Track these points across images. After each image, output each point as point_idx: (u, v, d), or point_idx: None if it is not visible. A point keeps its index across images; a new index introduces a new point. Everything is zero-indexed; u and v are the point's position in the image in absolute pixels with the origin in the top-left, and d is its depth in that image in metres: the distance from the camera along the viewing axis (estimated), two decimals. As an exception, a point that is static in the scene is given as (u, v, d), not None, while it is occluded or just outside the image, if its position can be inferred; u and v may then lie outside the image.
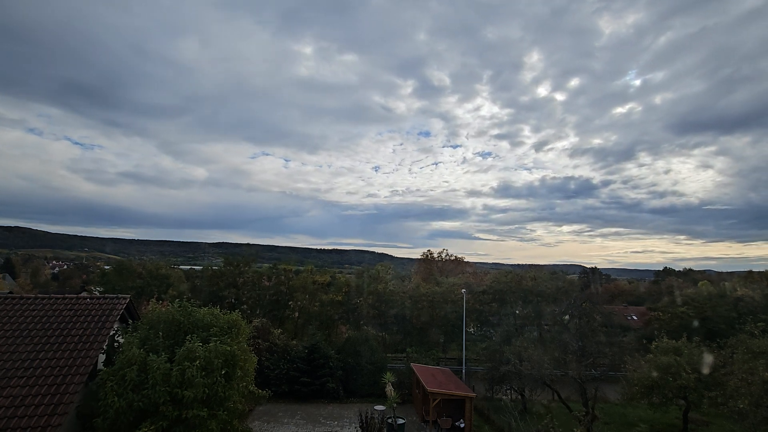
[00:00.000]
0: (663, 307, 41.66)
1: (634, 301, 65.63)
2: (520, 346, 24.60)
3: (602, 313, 37.32)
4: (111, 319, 14.42)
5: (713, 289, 46.53)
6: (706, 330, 34.76)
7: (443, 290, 39.02)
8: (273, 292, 38.37)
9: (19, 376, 11.84)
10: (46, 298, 15.02)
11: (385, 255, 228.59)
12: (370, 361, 27.29)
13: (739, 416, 16.18)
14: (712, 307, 38.33)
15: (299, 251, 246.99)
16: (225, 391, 11.73)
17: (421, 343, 35.98)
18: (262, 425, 20.97)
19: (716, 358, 20.51)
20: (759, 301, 39.50)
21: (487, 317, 40.20)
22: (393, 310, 37.97)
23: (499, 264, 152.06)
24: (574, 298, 32.40)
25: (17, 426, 10.56)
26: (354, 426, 20.92)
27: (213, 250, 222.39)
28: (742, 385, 16.67)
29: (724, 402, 17.45)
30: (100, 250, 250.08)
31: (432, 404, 20.61)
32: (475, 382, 28.40)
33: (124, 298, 15.50)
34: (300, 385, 25.31)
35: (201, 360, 11.38)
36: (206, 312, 13.84)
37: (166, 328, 13.19)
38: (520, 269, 54.28)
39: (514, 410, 19.97)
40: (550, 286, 40.59)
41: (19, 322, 13.70)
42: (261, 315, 35.49)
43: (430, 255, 62.05)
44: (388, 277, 42.44)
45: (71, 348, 13.05)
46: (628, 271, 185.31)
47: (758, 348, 18.24)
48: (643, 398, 21.27)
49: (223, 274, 38.12)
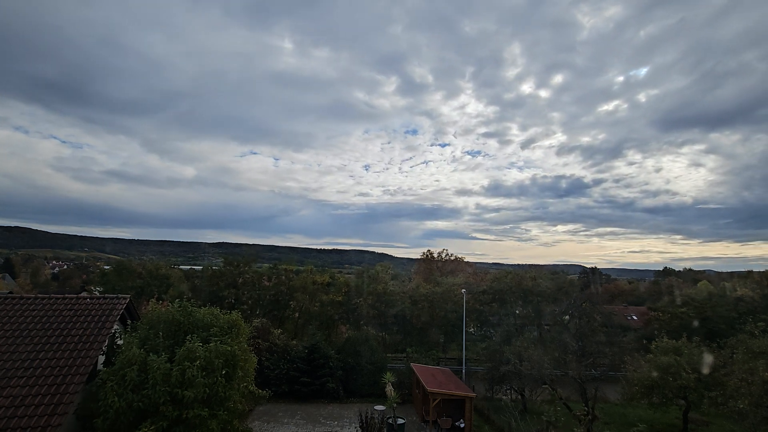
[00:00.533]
0: (663, 307, 41.64)
1: (634, 301, 65.65)
2: (520, 346, 24.60)
3: (602, 313, 37.37)
4: (111, 319, 14.41)
5: (713, 289, 46.58)
6: (706, 330, 34.74)
7: (443, 290, 39.01)
8: (273, 292, 38.37)
9: (19, 376, 11.83)
10: (46, 298, 15.00)
11: (385, 255, 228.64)
12: (370, 361, 27.29)
13: (739, 416, 16.19)
14: (712, 307, 38.33)
15: (299, 251, 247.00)
16: (225, 391, 11.73)
17: (421, 343, 35.99)
18: (262, 425, 20.97)
19: (716, 358, 20.52)
20: (759, 301, 39.53)
21: (487, 317, 40.22)
22: (393, 310, 37.97)
23: (498, 264, 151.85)
24: (574, 298, 32.44)
25: (17, 426, 10.55)
26: (354, 426, 20.91)
27: (213, 250, 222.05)
28: (742, 385, 16.68)
29: (724, 402, 17.47)
30: (100, 250, 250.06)
31: (432, 404, 20.61)
32: (475, 382, 28.39)
33: (124, 298, 15.49)
34: (300, 385, 25.31)
35: (201, 360, 11.38)
36: (206, 312, 13.84)
37: (166, 328, 13.19)
38: (520, 269, 54.27)
39: (514, 410, 19.98)
40: (550, 286, 40.62)
41: (19, 322, 13.68)
42: (261, 315, 35.52)
43: (430, 255, 62.04)
44: (388, 277, 42.44)
45: (71, 348, 13.04)
46: (628, 271, 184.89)
47: (758, 348, 18.25)
48: (643, 398, 21.29)
49: (223, 274, 38.11)
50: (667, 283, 68.22)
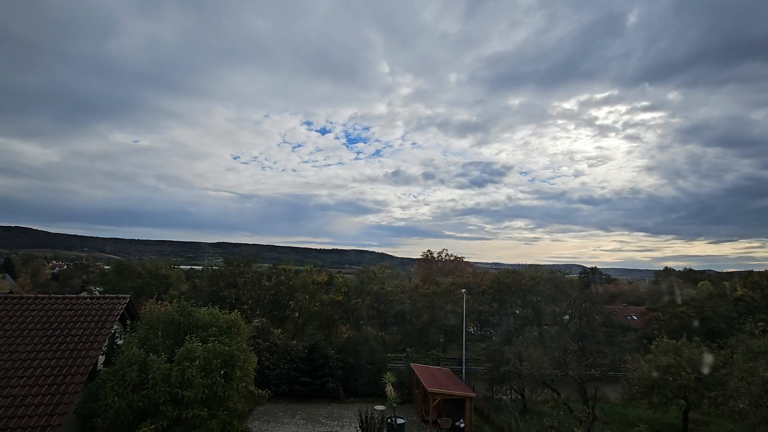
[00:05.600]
0: (663, 307, 41.64)
1: (634, 301, 65.64)
2: (520, 346, 24.61)
3: (602, 313, 37.44)
4: (111, 319, 14.39)
5: (713, 289, 46.54)
6: (706, 330, 34.75)
7: (443, 290, 39.00)
8: (273, 292, 38.38)
9: (19, 376, 11.81)
10: (46, 298, 14.98)
11: (385, 255, 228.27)
12: (370, 361, 27.29)
13: (739, 416, 16.17)
14: (712, 307, 38.34)
15: (299, 251, 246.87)
16: (225, 391, 11.71)
17: (421, 343, 35.98)
18: (262, 425, 20.97)
19: (716, 358, 20.50)
20: (759, 301, 39.54)
21: (487, 317, 40.22)
22: (393, 310, 37.98)
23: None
24: (573, 298, 32.43)
25: (17, 426, 10.54)
26: (354, 426, 20.92)
27: (213, 250, 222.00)
28: (742, 385, 16.66)
29: (724, 402, 17.44)
30: (100, 250, 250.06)
31: (432, 404, 20.60)
32: (475, 382, 28.39)
33: (124, 298, 15.47)
34: (300, 385, 25.31)
35: (200, 360, 11.38)
36: (205, 312, 13.84)
37: (166, 328, 13.18)
38: (520, 269, 54.21)
39: (514, 410, 19.98)
40: (549, 286, 40.63)
41: (19, 322, 13.66)
42: (261, 315, 35.48)
43: (430, 255, 62.07)
44: (384, 276, 42.37)
45: (71, 348, 13.01)
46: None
47: (758, 348, 18.19)
48: (643, 398, 21.27)
49: (223, 274, 38.13)
50: (668, 282, 68.17)
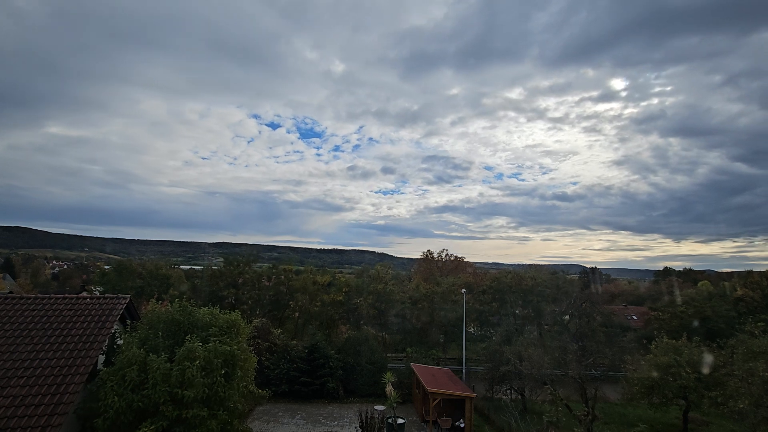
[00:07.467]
0: (663, 307, 41.65)
1: (634, 301, 65.66)
2: (520, 346, 24.59)
3: (602, 313, 37.46)
4: (111, 319, 14.39)
5: (713, 289, 46.55)
6: (706, 330, 34.74)
7: (443, 290, 39.00)
8: (273, 293, 38.39)
9: (19, 376, 11.81)
10: (46, 298, 14.98)
11: (385, 255, 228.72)
12: (370, 361, 27.28)
13: (739, 416, 16.18)
14: (712, 307, 38.34)
15: (299, 251, 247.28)
16: (225, 391, 11.72)
17: (421, 343, 35.97)
18: (262, 425, 20.97)
19: (716, 358, 20.50)
20: (759, 301, 39.54)
21: (487, 317, 40.21)
22: (393, 310, 37.98)
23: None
24: (573, 298, 32.43)
25: (17, 426, 10.54)
26: (354, 426, 20.91)
27: (213, 250, 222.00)
28: (742, 385, 16.67)
29: (724, 402, 17.44)
30: (100, 250, 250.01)
31: (432, 404, 20.60)
32: (475, 382, 28.39)
33: (124, 298, 15.47)
34: (300, 385, 25.30)
35: (201, 360, 11.38)
36: (205, 312, 13.84)
37: (166, 328, 13.18)
38: (520, 268, 54.23)
39: (514, 410, 19.99)
40: (549, 286, 40.62)
41: (19, 322, 13.66)
42: (261, 315, 35.51)
43: (431, 255, 62.05)
44: (388, 277, 42.42)
45: (71, 348, 13.01)
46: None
47: (758, 348, 18.23)
48: (643, 398, 21.29)
49: (223, 274, 38.14)
50: (668, 282, 68.20)
